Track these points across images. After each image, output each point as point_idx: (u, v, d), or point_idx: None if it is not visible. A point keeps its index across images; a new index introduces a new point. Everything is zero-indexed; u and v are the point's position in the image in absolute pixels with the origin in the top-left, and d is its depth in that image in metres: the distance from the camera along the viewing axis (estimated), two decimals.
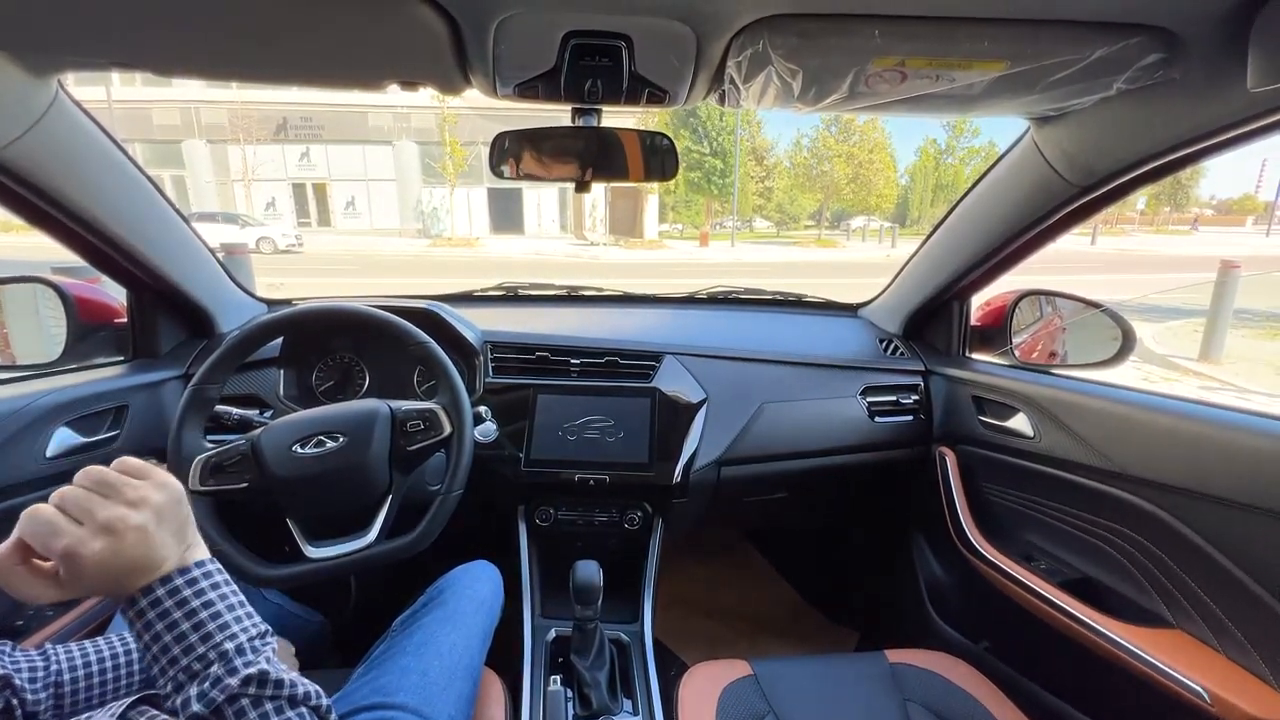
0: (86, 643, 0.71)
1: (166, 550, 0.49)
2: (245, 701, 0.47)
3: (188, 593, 0.49)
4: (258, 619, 0.52)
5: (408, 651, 0.83)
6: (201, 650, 0.47)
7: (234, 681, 0.47)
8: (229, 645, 0.48)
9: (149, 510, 0.49)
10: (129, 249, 1.09)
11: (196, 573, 0.50)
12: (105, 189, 1.01)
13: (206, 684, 0.47)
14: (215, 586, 0.51)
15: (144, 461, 0.53)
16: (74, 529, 0.46)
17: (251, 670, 0.48)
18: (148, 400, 1.16)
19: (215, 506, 0.91)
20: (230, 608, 0.51)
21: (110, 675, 0.70)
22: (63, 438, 1.00)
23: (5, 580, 0.47)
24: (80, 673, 0.68)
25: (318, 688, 0.53)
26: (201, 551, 0.53)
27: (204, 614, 0.49)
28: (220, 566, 0.53)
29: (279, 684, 0.49)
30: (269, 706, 0.48)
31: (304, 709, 0.50)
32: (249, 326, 1.00)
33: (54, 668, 0.67)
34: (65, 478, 0.98)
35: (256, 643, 0.50)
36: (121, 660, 0.71)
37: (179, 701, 0.47)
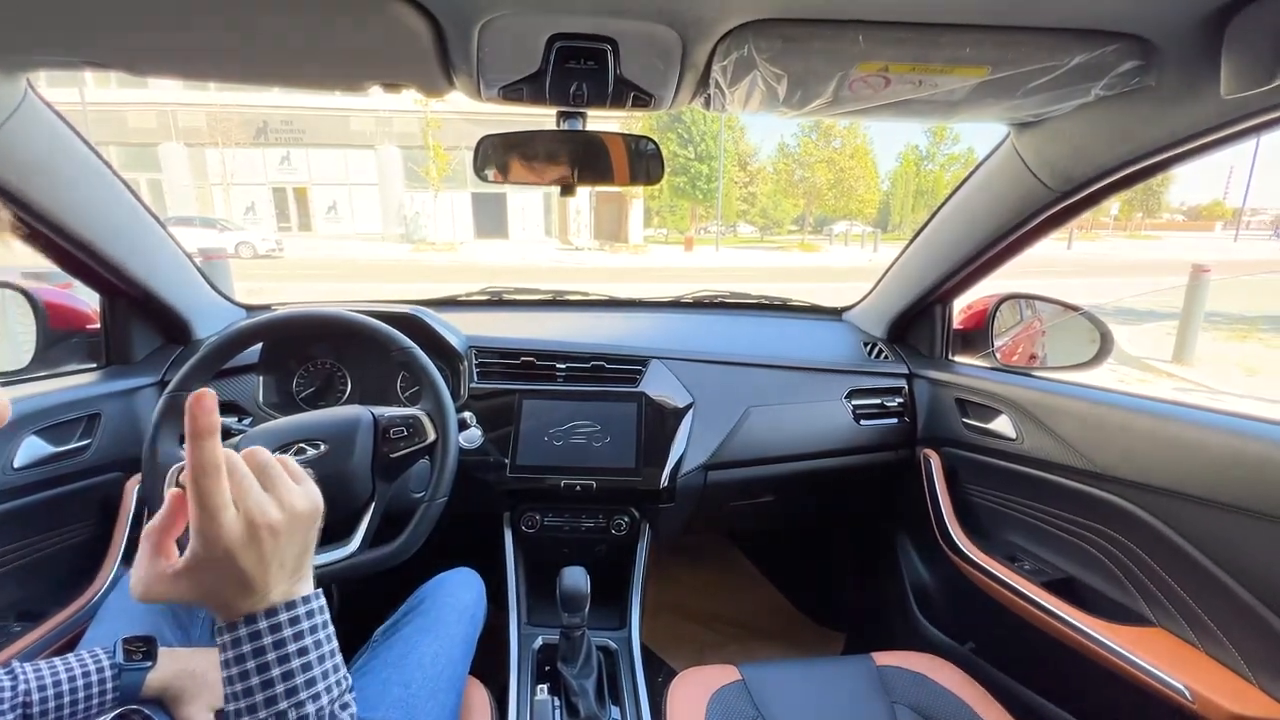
0: (56, 660, 0.69)
1: (281, 573, 0.46)
2: None
3: (287, 632, 0.45)
4: (344, 669, 0.49)
5: (389, 663, 0.82)
6: (283, 706, 0.44)
7: None
8: (310, 709, 0.45)
9: (288, 515, 0.46)
10: (102, 254, 1.06)
11: (300, 609, 0.46)
12: (77, 192, 0.99)
13: None
14: (314, 629, 0.47)
15: (302, 469, 0.51)
16: (228, 498, 0.43)
17: None
18: (121, 408, 1.14)
19: None
20: (322, 658, 0.47)
21: (82, 694, 0.67)
22: (32, 447, 0.97)
23: (141, 551, 0.45)
24: (50, 691, 0.65)
25: None
26: (308, 585, 0.49)
27: (296, 662, 0.45)
28: (323, 604, 0.49)
29: None
30: None
31: None
32: (227, 332, 0.98)
33: (22, 687, 0.64)
34: (33, 489, 0.96)
35: (338, 709, 0.47)
36: (94, 678, 0.69)
37: None
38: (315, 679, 0.46)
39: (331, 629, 0.49)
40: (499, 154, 0.94)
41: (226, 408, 1.22)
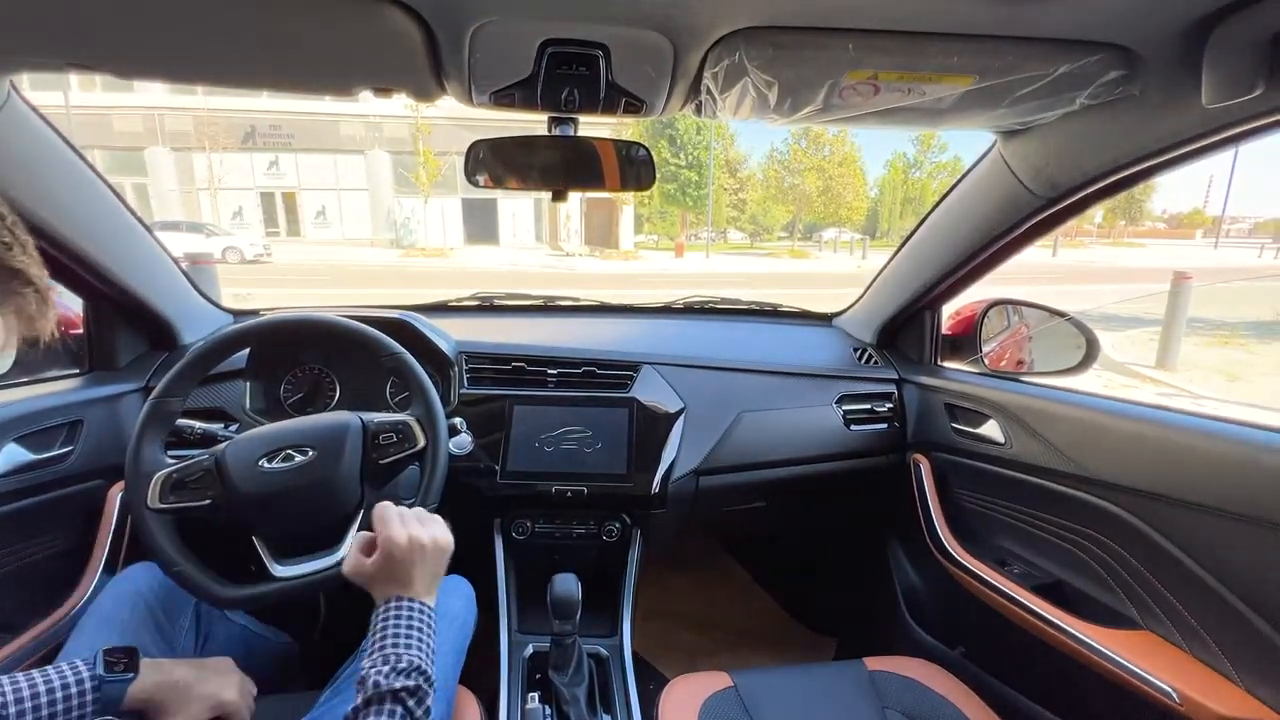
0: (34, 672, 0.67)
1: (421, 584, 0.73)
2: (407, 701, 0.64)
3: (412, 615, 0.70)
4: (433, 653, 0.70)
5: None
6: (399, 650, 0.66)
7: (400, 683, 0.64)
8: (408, 655, 0.66)
9: (432, 539, 0.75)
10: (85, 257, 1.05)
11: (423, 609, 0.72)
12: (61, 195, 0.98)
13: (391, 671, 0.64)
14: (426, 624, 0.71)
15: (434, 516, 0.80)
16: (400, 527, 0.73)
17: (410, 683, 0.65)
18: (104, 415, 1.12)
19: (176, 525, 0.87)
20: (424, 638, 0.69)
21: (61, 707, 0.66)
22: (11, 454, 0.96)
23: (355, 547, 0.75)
24: (28, 704, 0.64)
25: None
26: (432, 601, 0.74)
27: (412, 633, 0.69)
28: (434, 615, 0.73)
29: (419, 698, 0.65)
30: (409, 704, 0.64)
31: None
32: (213, 337, 0.97)
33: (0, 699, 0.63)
34: (13, 496, 0.95)
35: (425, 665, 0.67)
36: (74, 690, 0.67)
37: (371, 670, 0.64)
38: (414, 643, 0.68)
39: (435, 627, 0.73)
40: (490, 159, 0.93)
41: (213, 414, 1.21)
